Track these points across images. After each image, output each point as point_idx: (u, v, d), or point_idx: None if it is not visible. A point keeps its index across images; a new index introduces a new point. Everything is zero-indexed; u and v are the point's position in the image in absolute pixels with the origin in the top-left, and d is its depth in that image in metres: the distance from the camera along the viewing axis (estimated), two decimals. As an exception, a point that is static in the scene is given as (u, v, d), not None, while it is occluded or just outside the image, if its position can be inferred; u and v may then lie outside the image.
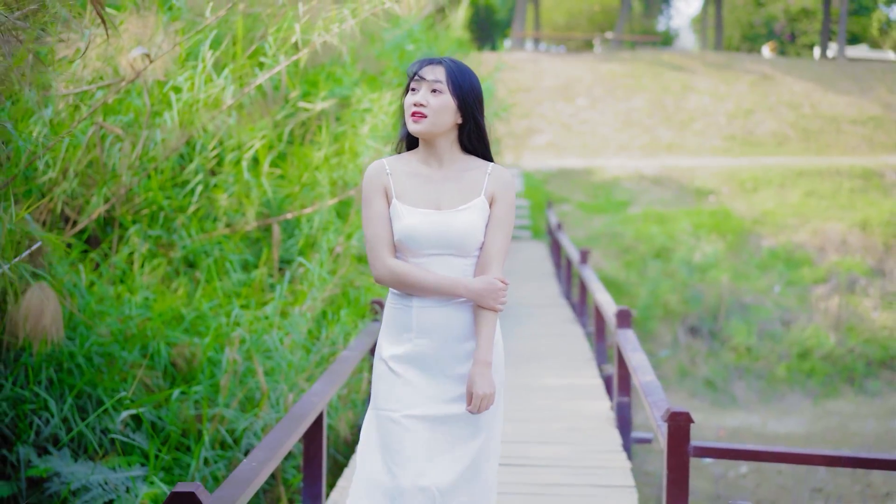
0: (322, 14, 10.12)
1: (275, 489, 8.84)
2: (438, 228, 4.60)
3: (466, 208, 4.64)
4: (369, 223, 4.69)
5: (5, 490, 7.58)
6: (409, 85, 4.65)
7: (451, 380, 4.65)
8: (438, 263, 4.62)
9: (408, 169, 4.72)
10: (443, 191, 4.68)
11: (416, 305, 4.64)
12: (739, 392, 22.93)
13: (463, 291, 4.57)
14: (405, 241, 4.61)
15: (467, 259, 4.66)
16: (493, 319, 4.61)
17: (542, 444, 9.07)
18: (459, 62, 4.72)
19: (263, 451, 5.42)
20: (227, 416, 8.64)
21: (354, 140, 12.03)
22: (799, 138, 38.52)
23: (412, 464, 4.54)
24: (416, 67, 4.65)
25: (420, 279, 4.59)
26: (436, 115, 4.58)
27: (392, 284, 4.67)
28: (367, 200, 4.71)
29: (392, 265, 4.62)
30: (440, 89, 4.58)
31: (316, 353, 9.77)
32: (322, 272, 10.66)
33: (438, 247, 4.61)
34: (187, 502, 4.30)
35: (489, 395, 4.52)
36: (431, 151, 4.70)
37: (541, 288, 20.12)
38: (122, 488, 7.56)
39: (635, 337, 9.08)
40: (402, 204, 4.65)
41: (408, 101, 4.63)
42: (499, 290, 4.56)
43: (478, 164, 4.74)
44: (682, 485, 6.02)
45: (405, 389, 4.63)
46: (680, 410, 6.04)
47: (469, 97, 4.65)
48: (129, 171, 9.92)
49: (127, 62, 8.53)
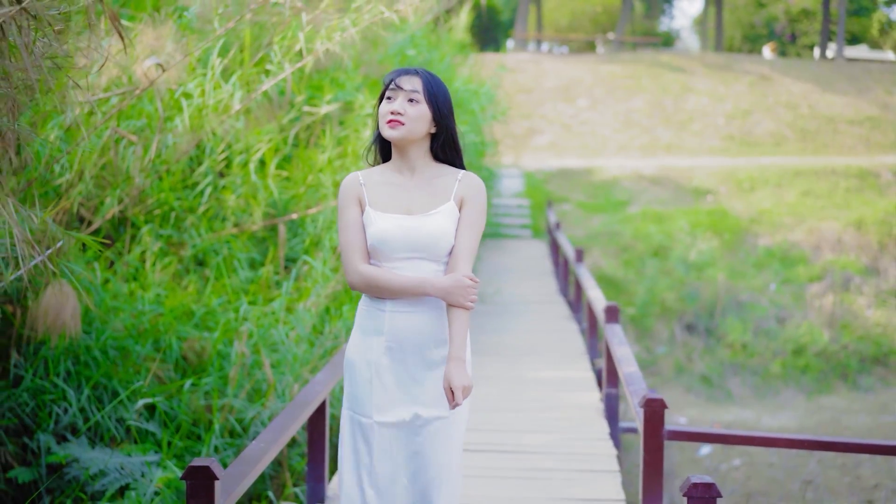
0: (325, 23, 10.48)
1: (280, 475, 9.05)
2: (409, 232, 4.70)
3: (436, 213, 4.74)
4: (343, 231, 4.80)
5: (26, 475, 7.87)
6: (385, 93, 4.75)
7: (423, 383, 4.76)
8: (410, 267, 4.72)
9: (381, 179, 4.83)
10: (414, 197, 4.79)
11: (388, 310, 4.75)
12: (735, 388, 23.14)
13: (431, 290, 4.66)
14: (378, 246, 4.72)
15: (438, 263, 4.76)
16: (463, 317, 4.66)
17: (534, 432, 9.47)
18: (432, 73, 4.81)
19: (271, 434, 5.86)
20: (236, 405, 8.91)
21: (357, 143, 12.20)
22: (796, 138, 38.46)
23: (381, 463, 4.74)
24: (393, 77, 4.73)
25: (389, 281, 4.68)
26: (412, 123, 4.69)
27: (364, 289, 4.77)
28: (342, 209, 4.83)
29: (363, 270, 4.73)
30: (417, 99, 4.69)
31: (319, 347, 10.00)
32: (325, 270, 10.87)
33: (410, 250, 4.71)
34: (203, 475, 4.68)
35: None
36: (404, 160, 4.81)
37: (539, 285, 20.32)
38: (138, 473, 7.82)
39: (622, 331, 9.52)
40: (374, 210, 4.76)
41: (384, 108, 4.72)
42: (467, 287, 4.63)
43: (449, 171, 4.85)
44: (658, 466, 6.49)
45: (376, 395, 4.75)
46: (655, 397, 6.51)
47: (444, 107, 4.76)
48: (142, 174, 10.16)
49: (141, 71, 8.90)
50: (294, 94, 12.44)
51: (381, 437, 4.74)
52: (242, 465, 5.30)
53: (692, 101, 41.17)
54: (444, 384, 4.58)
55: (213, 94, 10.72)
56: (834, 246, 27.29)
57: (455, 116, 4.87)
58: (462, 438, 4.88)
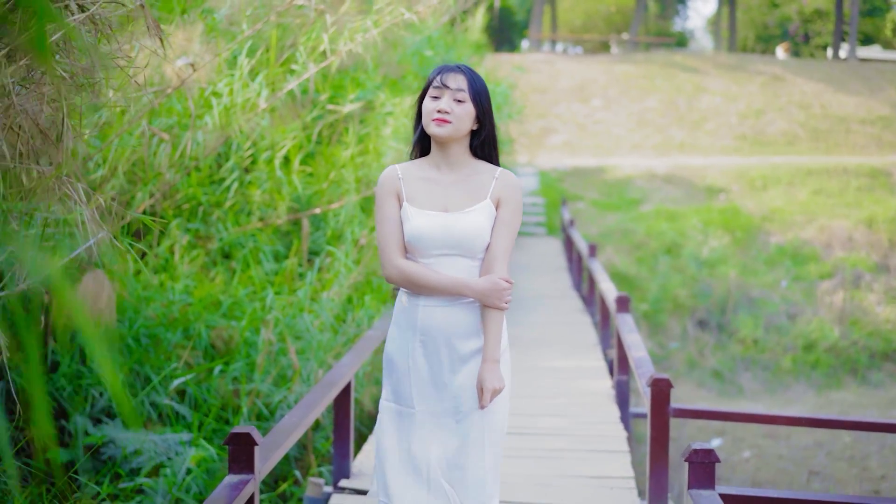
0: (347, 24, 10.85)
1: (305, 458, 9.33)
2: (446, 230, 4.72)
3: (473, 210, 4.76)
4: (381, 225, 4.82)
5: (64, 456, 8.16)
6: (428, 89, 4.80)
7: (456, 378, 4.79)
8: (446, 264, 4.74)
9: (419, 174, 4.85)
10: (451, 194, 4.81)
11: (422, 304, 4.78)
12: (746, 382, 23.31)
13: (468, 291, 4.69)
14: (414, 242, 4.73)
15: (474, 260, 4.78)
16: (498, 318, 4.72)
17: (548, 416, 9.86)
18: (475, 71, 4.82)
19: (301, 410, 6.28)
20: (263, 390, 9.23)
21: (377, 141, 12.55)
22: (808, 138, 38.50)
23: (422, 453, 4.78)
24: (439, 74, 4.76)
25: (427, 278, 4.70)
26: (458, 122, 4.72)
27: (401, 283, 4.80)
28: (380, 203, 4.84)
29: (401, 265, 4.74)
30: (463, 98, 4.72)
31: (343, 334, 10.33)
32: (348, 261, 11.21)
33: (446, 247, 4.73)
34: (244, 441, 5.07)
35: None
36: (444, 156, 4.83)
37: (554, 281, 20.59)
38: (172, 452, 8.15)
39: (632, 320, 9.92)
40: (411, 206, 4.76)
41: (430, 105, 4.75)
42: (503, 290, 4.68)
43: (486, 169, 4.86)
44: (664, 441, 6.90)
45: (413, 388, 4.81)
46: (661, 377, 6.92)
47: (487, 105, 4.80)
48: (172, 170, 10.50)
49: (172, 71, 9.28)
50: (317, 94, 12.74)
51: (422, 426, 4.79)
52: (277, 435, 5.72)
53: (705, 101, 41.21)
54: (477, 383, 4.70)
55: (240, 92, 11.06)
56: (845, 244, 27.41)
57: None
58: (503, 429, 4.92)
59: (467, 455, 4.79)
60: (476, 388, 4.72)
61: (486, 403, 4.68)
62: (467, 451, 4.79)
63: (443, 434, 4.80)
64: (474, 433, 4.78)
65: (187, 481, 7.95)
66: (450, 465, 4.80)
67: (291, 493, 8.96)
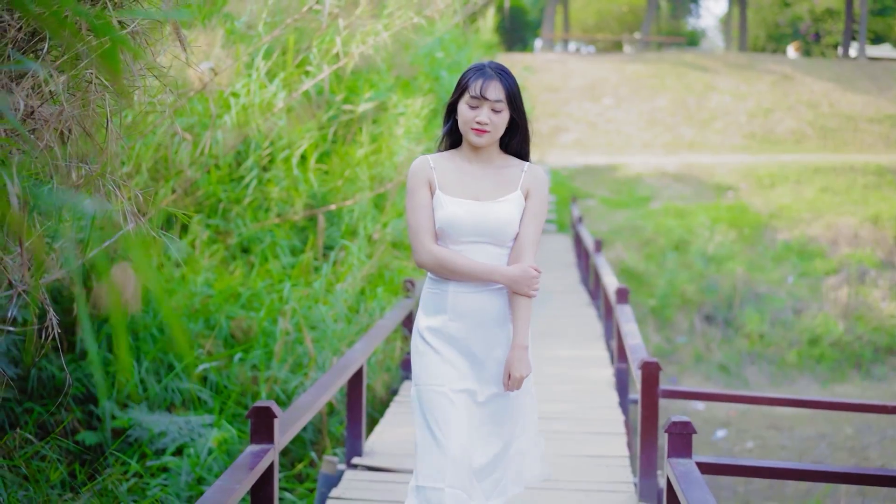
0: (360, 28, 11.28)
1: (320, 440, 9.79)
2: (477, 217, 4.82)
3: (504, 200, 4.87)
4: (413, 212, 4.89)
5: (93, 439, 8.58)
6: (464, 93, 4.84)
7: (485, 363, 4.89)
8: (476, 250, 4.84)
9: (451, 164, 4.94)
10: (483, 184, 4.91)
11: (451, 290, 4.87)
12: (752, 376, 23.75)
13: (499, 277, 4.79)
14: (446, 229, 4.83)
15: (503, 248, 4.89)
16: (528, 305, 4.84)
17: (550, 401, 10.27)
18: (508, 72, 4.92)
19: (317, 390, 6.77)
20: (280, 377, 9.66)
21: (390, 140, 12.95)
22: (817, 136, 38.72)
23: (458, 432, 4.78)
24: (478, 84, 4.80)
25: (460, 264, 4.79)
26: (496, 131, 4.83)
27: (433, 269, 4.87)
28: (412, 191, 4.91)
29: (434, 250, 4.83)
30: (501, 108, 4.80)
31: (356, 324, 10.77)
32: (361, 255, 11.65)
33: (477, 234, 4.83)
34: (265, 414, 5.50)
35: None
36: (476, 151, 4.94)
37: (562, 276, 20.90)
38: (195, 434, 8.61)
39: (631, 311, 10.39)
40: (444, 194, 4.86)
41: (468, 114, 4.81)
42: (532, 278, 4.80)
43: (515, 163, 4.98)
44: (653, 420, 7.39)
45: (445, 367, 4.86)
46: (650, 361, 7.42)
47: (521, 108, 4.89)
48: (193, 167, 10.90)
49: (195, 74, 9.72)
50: (332, 94, 13.12)
51: (454, 404, 4.83)
52: (295, 412, 6.20)
53: (715, 100, 41.41)
54: (505, 369, 4.82)
55: (258, 93, 11.47)
56: (851, 240, 27.68)
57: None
58: (534, 408, 5.10)
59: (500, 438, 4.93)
60: (504, 373, 4.83)
61: (513, 388, 4.80)
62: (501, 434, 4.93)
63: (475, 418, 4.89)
64: (504, 416, 4.93)
65: (209, 461, 8.34)
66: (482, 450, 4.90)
67: (307, 473, 9.34)
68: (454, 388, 4.84)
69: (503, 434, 4.94)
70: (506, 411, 4.93)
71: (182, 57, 5.99)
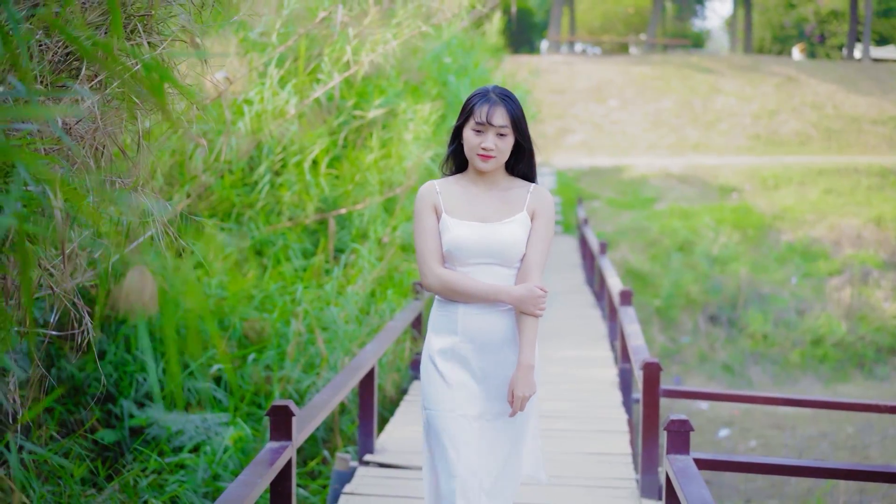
0: (369, 36, 11.52)
1: (332, 439, 10.04)
2: (483, 239, 4.84)
3: (510, 221, 4.89)
4: (420, 237, 4.94)
5: (111, 437, 8.81)
6: (469, 118, 4.88)
7: (493, 382, 4.92)
8: (483, 272, 4.87)
9: (457, 188, 4.99)
10: (488, 206, 4.94)
11: (461, 311, 4.90)
12: (755, 376, 24.01)
13: (505, 297, 4.80)
14: (453, 251, 4.86)
15: (510, 269, 4.90)
16: (534, 324, 4.83)
17: (554, 400, 10.54)
18: (512, 96, 4.95)
19: (331, 389, 7.02)
20: (293, 376, 9.88)
21: (400, 146, 13.16)
22: (821, 138, 38.89)
23: (467, 456, 4.82)
24: (483, 111, 4.84)
25: (466, 286, 4.82)
26: (501, 155, 4.87)
27: (440, 292, 4.90)
28: (419, 216, 4.95)
29: (441, 273, 4.86)
30: (506, 132, 4.84)
31: (366, 325, 10.98)
32: (371, 258, 11.88)
33: (484, 256, 4.86)
34: (284, 412, 5.75)
35: (529, 397, 4.81)
36: (482, 174, 4.99)
37: (568, 277, 21.20)
38: (212, 432, 8.87)
39: (634, 313, 10.66)
40: (450, 217, 4.89)
41: (473, 140, 4.85)
42: (538, 297, 4.78)
43: (521, 184, 5.01)
44: (654, 419, 7.67)
45: (455, 392, 4.90)
46: (652, 361, 7.70)
47: (526, 132, 4.93)
48: (207, 172, 11.09)
49: (210, 83, 9.95)
50: (342, 100, 13.32)
51: (461, 429, 4.86)
52: (311, 410, 6.47)
53: (720, 102, 41.67)
54: (509, 389, 4.83)
55: (271, 100, 11.69)
56: (854, 241, 27.93)
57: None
58: (535, 425, 5.13)
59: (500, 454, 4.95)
60: (508, 392, 4.85)
61: (517, 410, 4.82)
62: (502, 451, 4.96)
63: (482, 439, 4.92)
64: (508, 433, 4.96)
65: (224, 459, 8.58)
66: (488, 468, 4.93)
67: (320, 471, 9.58)
68: (465, 413, 4.89)
69: (505, 448, 4.97)
70: (508, 428, 4.96)
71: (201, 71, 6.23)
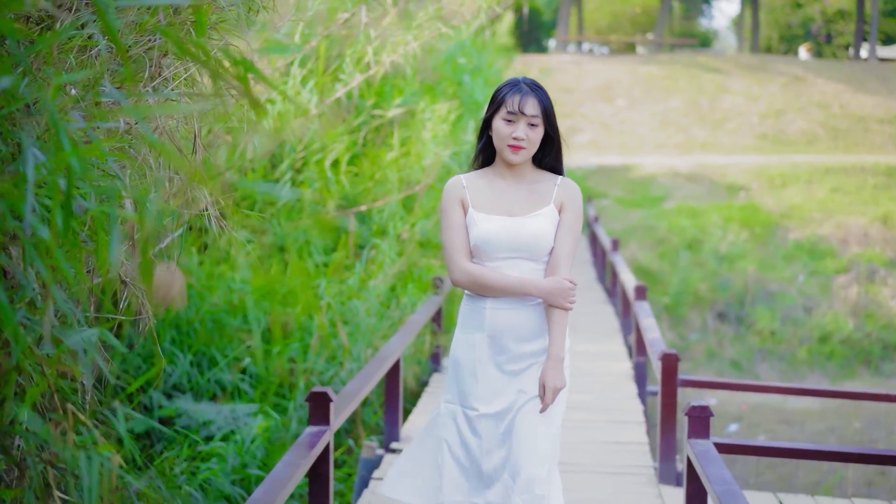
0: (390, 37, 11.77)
1: (355, 430, 10.32)
2: (511, 233, 4.77)
3: (538, 215, 4.81)
4: (447, 232, 4.88)
5: (142, 426, 8.97)
6: (500, 108, 4.81)
7: (520, 375, 4.83)
8: (511, 266, 4.79)
9: (483, 182, 4.92)
10: (515, 200, 4.86)
11: (489, 306, 4.83)
12: (763, 372, 24.19)
13: (534, 291, 4.72)
14: (481, 246, 4.79)
15: (538, 263, 4.82)
16: (563, 317, 4.74)
17: (573, 392, 10.51)
18: (540, 85, 4.88)
19: (361, 379, 7.31)
20: (317, 368, 10.13)
21: (418, 144, 13.43)
22: (828, 137, 38.90)
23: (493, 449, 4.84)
24: (515, 100, 4.77)
25: (494, 280, 4.75)
26: (532, 147, 4.79)
27: (468, 286, 4.85)
28: (445, 211, 4.89)
29: (468, 268, 4.80)
30: (537, 123, 4.76)
31: (388, 319, 11.20)
32: (391, 254, 12.13)
33: (511, 250, 4.79)
34: (322, 398, 6.03)
35: (559, 388, 4.71)
36: (509, 168, 4.91)
37: (579, 273, 21.10)
38: (241, 422, 9.14)
39: (648, 307, 10.95)
40: (477, 212, 4.83)
41: (504, 130, 4.77)
42: (568, 290, 4.70)
43: (548, 177, 4.93)
44: (672, 408, 7.96)
45: (480, 387, 4.85)
46: (670, 352, 7.98)
47: (555, 123, 4.86)
48: (231, 170, 11.27)
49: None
50: (362, 100, 13.57)
51: (486, 427, 4.84)
52: (345, 397, 6.77)
53: (727, 101, 41.70)
54: (540, 381, 4.73)
55: (293, 100, 11.94)
56: (860, 240, 28.05)
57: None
58: (558, 422, 4.90)
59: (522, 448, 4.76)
60: (538, 386, 4.75)
61: (548, 402, 4.71)
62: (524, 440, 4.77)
63: (504, 435, 4.85)
64: (531, 422, 4.78)
65: (252, 448, 8.84)
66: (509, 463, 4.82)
67: (344, 460, 9.85)
68: (486, 412, 4.85)
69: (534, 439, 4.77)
70: (537, 422, 4.79)
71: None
